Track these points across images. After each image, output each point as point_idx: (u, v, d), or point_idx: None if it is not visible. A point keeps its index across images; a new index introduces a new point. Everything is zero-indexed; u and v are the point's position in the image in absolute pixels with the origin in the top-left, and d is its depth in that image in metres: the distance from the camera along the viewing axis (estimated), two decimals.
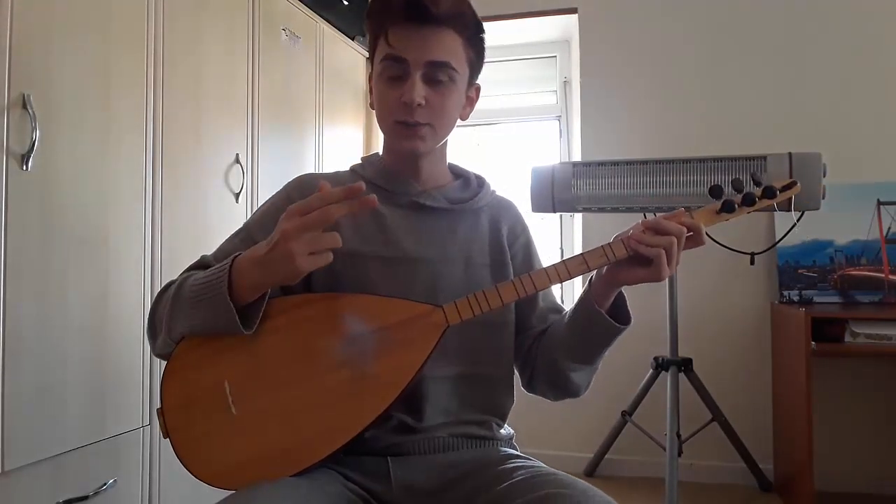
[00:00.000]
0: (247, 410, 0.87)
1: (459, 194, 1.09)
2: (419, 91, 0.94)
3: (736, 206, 1.00)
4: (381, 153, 1.11)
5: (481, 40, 1.03)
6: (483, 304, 0.93)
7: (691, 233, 0.95)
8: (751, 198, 1.00)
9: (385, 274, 0.99)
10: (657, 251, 0.91)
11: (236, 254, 0.89)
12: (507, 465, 0.94)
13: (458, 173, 1.14)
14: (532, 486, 0.84)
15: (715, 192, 1.01)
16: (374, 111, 1.04)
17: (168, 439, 0.89)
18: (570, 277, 0.96)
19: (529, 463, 0.96)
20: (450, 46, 0.96)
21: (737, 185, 1.00)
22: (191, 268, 0.99)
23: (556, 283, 0.97)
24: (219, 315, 0.86)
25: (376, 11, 0.98)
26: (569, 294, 3.01)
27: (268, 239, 0.85)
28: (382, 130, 1.03)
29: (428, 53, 0.94)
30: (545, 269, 0.96)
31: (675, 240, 0.92)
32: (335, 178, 1.08)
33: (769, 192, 1.01)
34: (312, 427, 0.87)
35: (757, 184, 1.01)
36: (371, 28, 1.00)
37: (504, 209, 1.13)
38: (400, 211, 1.04)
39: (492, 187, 1.14)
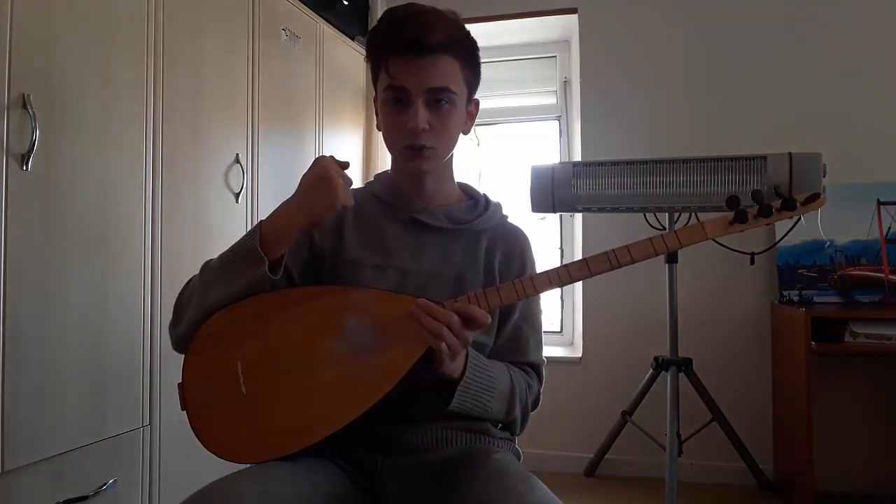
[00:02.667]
0: (255, 391, 0.94)
1: (463, 215, 1.11)
2: (422, 117, 0.99)
3: (749, 217, 0.96)
4: (390, 170, 1.16)
5: (477, 59, 1.08)
6: (482, 302, 0.94)
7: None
8: (767, 210, 0.96)
9: (377, 282, 1.03)
10: (426, 335, 0.89)
11: (260, 221, 0.98)
12: (479, 463, 0.96)
13: (470, 195, 1.16)
14: (482, 488, 0.88)
15: (731, 202, 0.97)
16: (379, 131, 1.09)
17: (185, 412, 0.96)
18: (572, 281, 0.96)
19: (498, 464, 0.96)
20: (447, 71, 1.00)
21: (756, 197, 0.97)
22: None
23: (556, 287, 0.96)
24: (250, 268, 0.94)
25: (376, 45, 1.03)
26: (568, 293, 3.02)
27: (300, 184, 0.95)
28: (391, 153, 1.08)
29: (427, 81, 0.99)
30: (546, 272, 0.97)
31: (443, 327, 0.88)
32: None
33: (788, 205, 0.97)
34: (312, 412, 0.92)
35: (778, 195, 0.97)
36: (371, 58, 1.05)
37: (507, 235, 1.12)
38: (399, 225, 1.09)
39: (503, 212, 1.15)
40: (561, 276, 0.96)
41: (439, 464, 1.00)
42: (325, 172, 0.93)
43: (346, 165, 0.97)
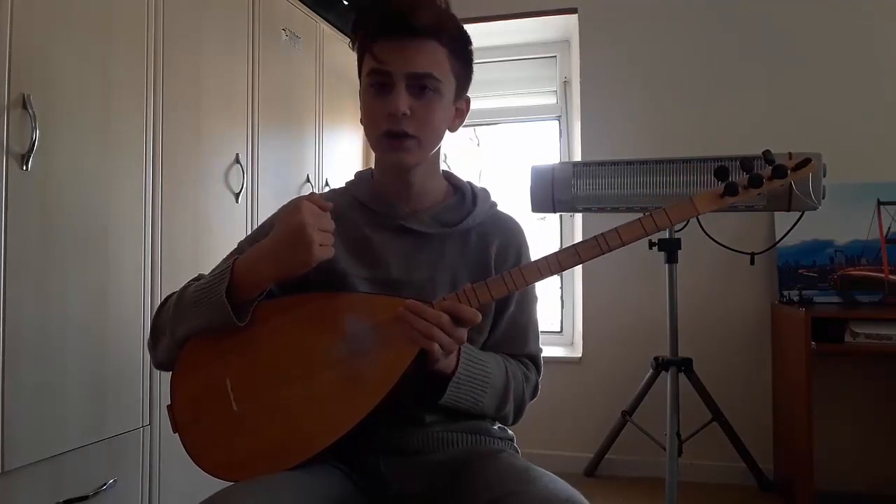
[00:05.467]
0: (247, 407, 0.91)
1: (450, 215, 1.06)
2: (403, 101, 0.94)
3: (740, 188, 0.92)
4: (373, 168, 1.11)
5: (469, 53, 1.02)
6: (472, 299, 0.92)
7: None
8: (757, 179, 0.91)
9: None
10: (416, 336, 0.88)
11: (236, 257, 0.94)
12: (490, 461, 0.96)
13: (455, 185, 1.12)
14: (500, 482, 0.87)
15: (720, 173, 0.93)
16: (362, 125, 1.04)
17: (177, 434, 0.93)
18: (562, 270, 0.93)
19: (511, 459, 0.96)
20: (432, 57, 0.96)
21: (746, 166, 0.92)
22: (189, 282, 1.02)
23: (547, 277, 0.94)
24: (215, 313, 0.91)
25: (360, 28, 1.00)
26: (568, 293, 3.02)
27: (275, 232, 0.91)
28: (370, 145, 1.02)
29: (410, 65, 0.94)
30: (535, 263, 0.94)
31: (433, 328, 0.87)
32: (332, 196, 1.10)
33: (779, 172, 0.92)
34: (309, 422, 0.90)
35: (769, 162, 0.93)
36: (356, 45, 1.01)
37: (498, 227, 1.08)
38: (386, 234, 1.04)
39: (491, 200, 1.11)
40: (551, 266, 0.92)
41: (443, 464, 1.00)
42: (301, 227, 0.87)
43: (326, 207, 0.91)
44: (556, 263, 0.93)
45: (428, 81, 0.95)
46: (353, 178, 1.13)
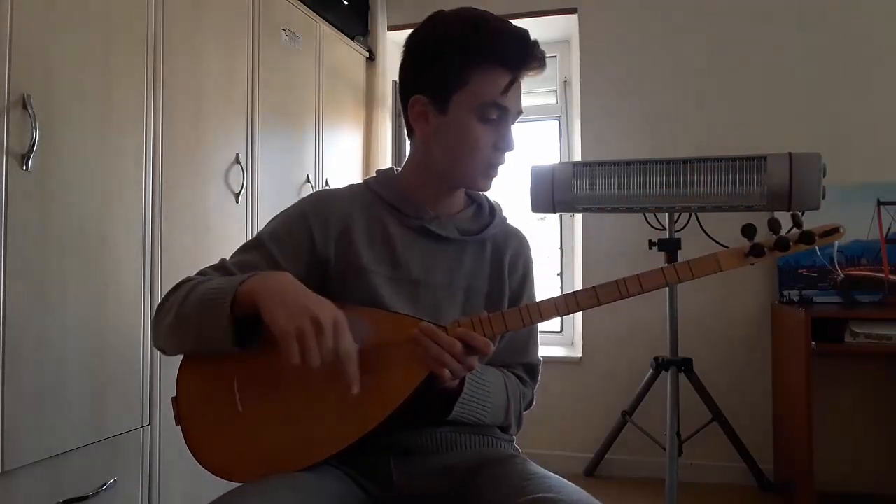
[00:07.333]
0: (252, 410, 0.91)
1: (470, 224, 1.10)
2: (515, 138, 1.03)
3: (766, 250, 0.95)
4: (395, 169, 1.11)
5: None
6: (486, 328, 0.92)
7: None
8: (784, 242, 0.94)
9: (391, 292, 1.01)
10: (429, 361, 0.88)
11: (251, 274, 0.89)
12: (504, 467, 0.96)
13: (473, 198, 1.14)
14: (521, 490, 0.87)
15: (748, 231, 0.96)
16: (420, 136, 1.03)
17: (179, 427, 0.94)
18: (580, 310, 0.95)
19: (526, 465, 0.97)
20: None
21: (773, 226, 0.95)
22: (211, 268, 1.00)
23: (563, 315, 0.96)
24: (217, 327, 0.86)
25: (495, 55, 0.97)
26: (569, 290, 3.01)
27: (310, 296, 0.85)
28: (460, 166, 1.02)
29: (520, 105, 1.03)
30: (554, 300, 0.95)
31: (446, 354, 0.87)
32: (350, 192, 1.09)
33: (807, 238, 0.95)
34: (313, 432, 0.90)
35: (797, 225, 0.95)
36: (476, 65, 0.97)
37: (510, 239, 1.13)
38: (410, 234, 1.05)
39: (503, 214, 1.16)
40: (569, 305, 0.94)
41: (452, 468, 1.00)
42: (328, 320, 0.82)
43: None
44: (575, 303, 0.95)
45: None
46: (373, 175, 1.12)
